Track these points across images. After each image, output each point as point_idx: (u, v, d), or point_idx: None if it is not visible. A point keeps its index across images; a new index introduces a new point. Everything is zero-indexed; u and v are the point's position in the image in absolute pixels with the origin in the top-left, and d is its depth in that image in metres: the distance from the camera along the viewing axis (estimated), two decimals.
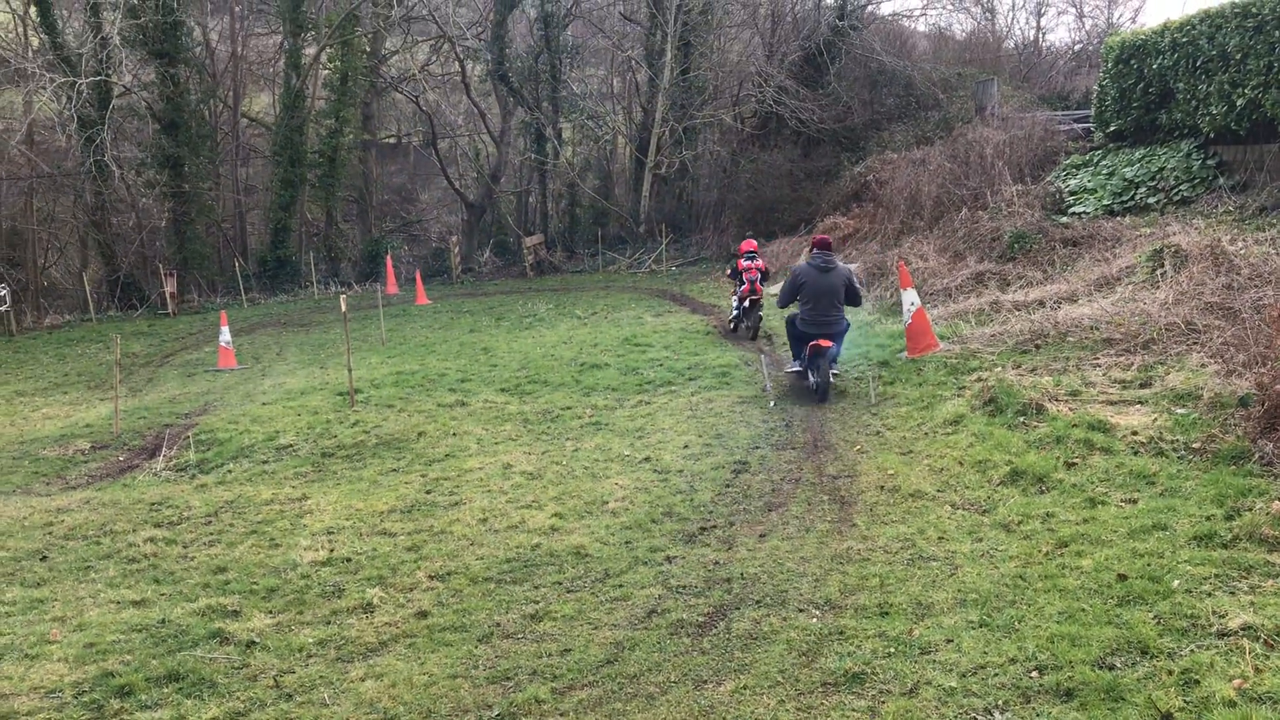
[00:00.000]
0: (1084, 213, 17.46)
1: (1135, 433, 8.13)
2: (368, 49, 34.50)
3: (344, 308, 13.87)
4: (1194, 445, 7.65)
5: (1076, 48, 40.85)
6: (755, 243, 17.09)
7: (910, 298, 12.80)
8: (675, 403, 11.97)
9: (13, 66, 28.78)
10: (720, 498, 8.30)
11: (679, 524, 7.74)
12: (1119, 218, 16.79)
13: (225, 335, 18.66)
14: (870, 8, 35.18)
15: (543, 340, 17.71)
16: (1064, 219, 17.38)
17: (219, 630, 6.35)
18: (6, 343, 24.38)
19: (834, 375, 11.86)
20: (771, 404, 11.48)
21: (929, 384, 11.13)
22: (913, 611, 5.77)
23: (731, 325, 16.90)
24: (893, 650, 5.33)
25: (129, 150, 31.61)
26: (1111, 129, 19.87)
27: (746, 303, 16.08)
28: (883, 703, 4.85)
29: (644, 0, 34.53)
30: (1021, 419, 9.04)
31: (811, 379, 11.68)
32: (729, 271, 17.28)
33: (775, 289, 16.63)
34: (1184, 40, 17.13)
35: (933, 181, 21.09)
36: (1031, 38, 42.60)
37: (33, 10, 29.65)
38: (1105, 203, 17.53)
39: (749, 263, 15.98)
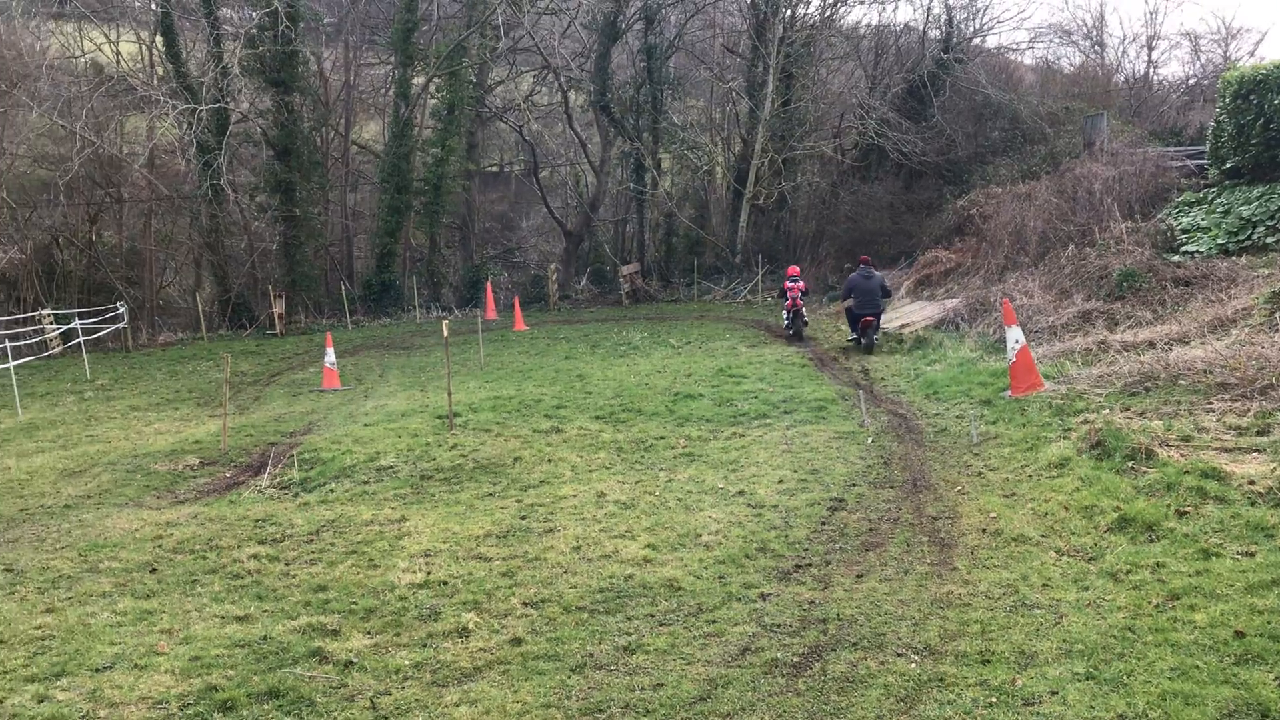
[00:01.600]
0: (1197, 252, 16.92)
1: (1252, 482, 7.81)
2: (474, 79, 35.23)
3: (445, 333, 14.12)
4: None
5: (1190, 82, 39.80)
6: (799, 269, 22.80)
7: (1014, 335, 12.55)
8: (770, 436, 11.89)
9: (139, 94, 30.06)
10: (816, 535, 8.20)
11: (773, 560, 7.66)
12: (1234, 257, 16.22)
13: (330, 356, 19.13)
14: (976, 41, 34.86)
15: (637, 369, 17.77)
16: (1176, 258, 16.86)
17: (319, 649, 6.47)
18: (123, 358, 25.35)
19: (875, 338, 18.69)
20: (869, 440, 11.33)
21: (1033, 425, 10.87)
22: (1015, 661, 5.62)
23: (787, 329, 21.55)
24: (994, 700, 5.19)
25: (243, 175, 32.74)
26: (1228, 166, 19.25)
27: (791, 314, 21.18)
28: None
29: (746, 32, 34.70)
30: (1130, 464, 8.76)
31: (862, 341, 18.69)
32: (779, 292, 22.75)
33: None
34: None
35: (1038, 217, 20.68)
36: (1143, 72, 41.63)
37: (159, 40, 31.00)
38: (1220, 241, 16.97)
39: (793, 284, 21.18)
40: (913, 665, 5.69)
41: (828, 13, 34.77)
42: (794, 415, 12.93)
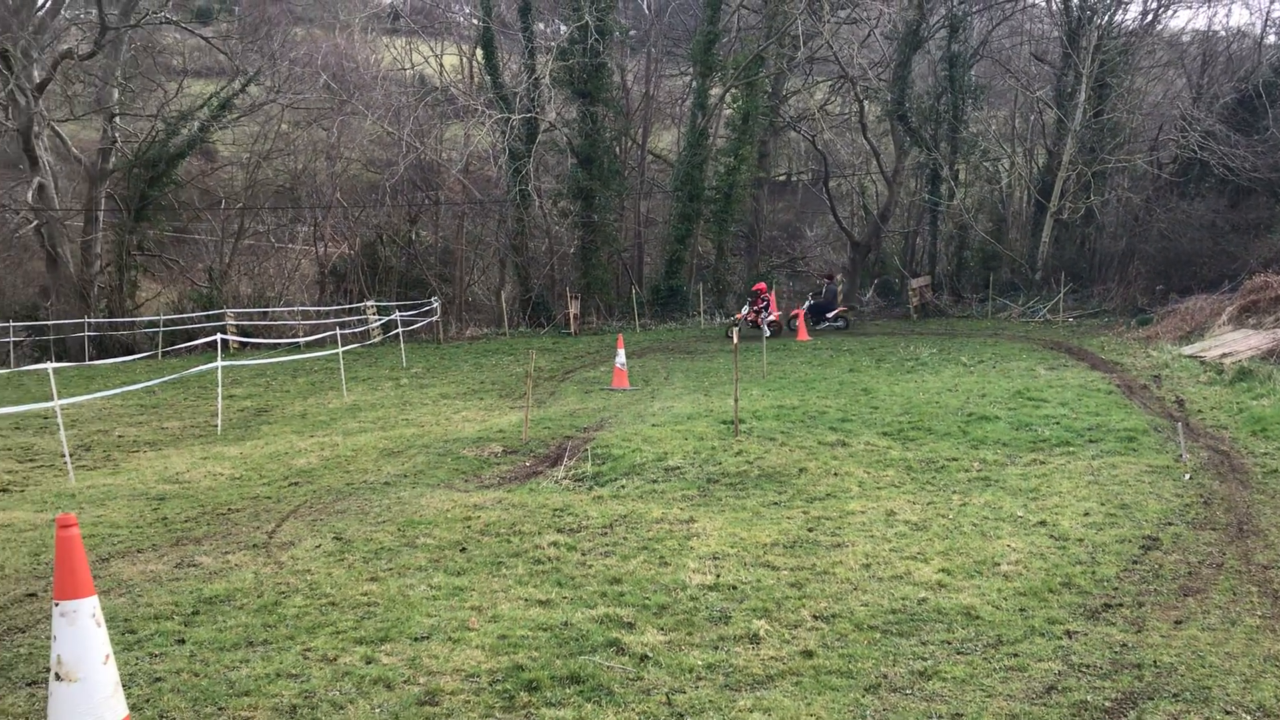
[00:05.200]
0: None
1: None
2: (769, 89, 35.46)
3: (735, 339, 14.31)
4: None
5: None
6: (765, 284, 29.00)
7: None
8: (1074, 465, 11.26)
9: (458, 103, 32.33)
10: (1127, 574, 7.69)
11: (1079, 597, 7.26)
12: None
13: (621, 357, 19.78)
14: None
15: (925, 386, 17.30)
16: None
17: (616, 640, 6.70)
18: (434, 349, 27.30)
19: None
20: (1187, 477, 10.51)
21: None
22: None
23: (767, 330, 26.60)
24: None
25: (548, 181, 34.47)
26: None
27: (771, 317, 26.98)
28: None
29: (1057, 39, 33.08)
30: None
31: (842, 323, 27.86)
32: (753, 303, 27.71)
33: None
34: None
35: None
36: None
37: (479, 53, 33.21)
38: None
39: (769, 296, 27.47)
40: None
41: (1148, 18, 32.61)
42: (1100, 444, 12.19)
